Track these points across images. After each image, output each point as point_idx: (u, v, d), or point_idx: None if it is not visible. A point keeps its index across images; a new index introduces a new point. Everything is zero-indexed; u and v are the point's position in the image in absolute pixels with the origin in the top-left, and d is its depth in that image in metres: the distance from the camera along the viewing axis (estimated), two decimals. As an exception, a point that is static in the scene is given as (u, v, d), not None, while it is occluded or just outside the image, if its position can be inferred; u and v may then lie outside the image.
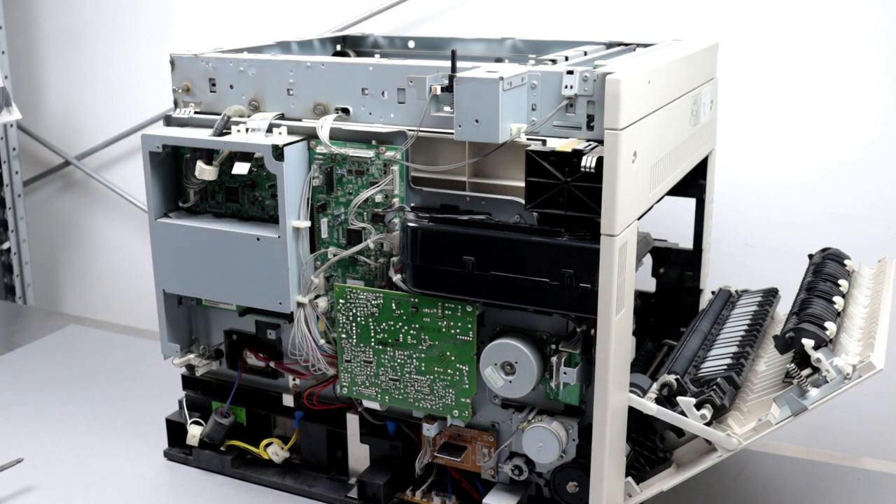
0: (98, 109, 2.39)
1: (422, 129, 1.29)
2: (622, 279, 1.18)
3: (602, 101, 1.14)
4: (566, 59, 1.36)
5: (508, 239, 1.21)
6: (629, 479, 1.30)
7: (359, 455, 1.49)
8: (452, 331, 1.29)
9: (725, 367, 1.30)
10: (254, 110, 1.42)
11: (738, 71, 1.75)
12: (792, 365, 1.23)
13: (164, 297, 1.49)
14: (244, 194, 1.45)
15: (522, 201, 1.23)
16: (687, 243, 1.62)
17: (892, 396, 1.78)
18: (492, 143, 1.21)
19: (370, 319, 1.34)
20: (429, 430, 1.37)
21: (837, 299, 1.35)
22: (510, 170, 1.28)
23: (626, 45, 1.62)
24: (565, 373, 1.24)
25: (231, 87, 1.43)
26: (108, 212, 2.47)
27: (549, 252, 1.19)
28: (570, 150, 1.17)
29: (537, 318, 1.28)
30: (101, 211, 2.48)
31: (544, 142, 1.23)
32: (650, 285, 1.65)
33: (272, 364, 1.49)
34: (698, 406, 1.22)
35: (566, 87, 1.19)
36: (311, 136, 1.35)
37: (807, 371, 1.21)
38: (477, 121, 1.18)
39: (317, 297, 1.39)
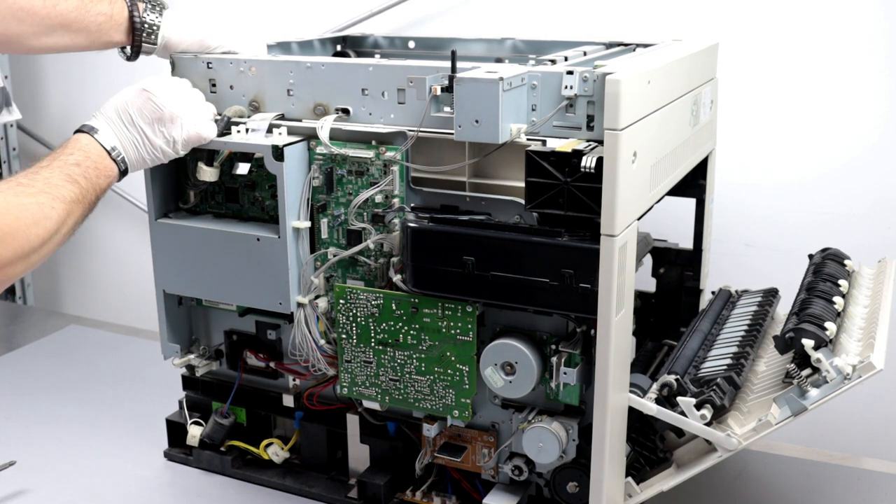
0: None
1: (422, 129, 1.29)
2: (622, 279, 1.18)
3: (602, 101, 1.14)
4: (566, 59, 1.36)
5: (508, 239, 1.21)
6: (629, 479, 1.30)
7: (359, 455, 1.49)
8: (452, 331, 1.29)
9: (725, 367, 1.30)
10: (254, 111, 1.42)
11: (738, 71, 1.75)
12: (792, 365, 1.23)
13: (164, 298, 1.49)
14: (244, 195, 1.45)
15: (522, 201, 1.22)
16: (687, 243, 1.62)
17: (892, 396, 1.78)
18: (492, 144, 1.21)
19: (370, 320, 1.34)
20: (429, 430, 1.37)
21: (837, 299, 1.35)
22: (510, 170, 1.28)
23: (625, 45, 1.62)
24: (565, 373, 1.24)
25: (231, 87, 1.43)
26: (108, 212, 2.47)
27: (549, 252, 1.19)
28: (570, 150, 1.17)
29: (537, 319, 1.28)
30: (101, 211, 2.48)
31: (544, 142, 1.23)
32: (650, 285, 1.65)
33: (272, 364, 1.49)
34: (698, 406, 1.22)
35: (566, 87, 1.19)
36: (311, 136, 1.35)
37: (807, 371, 1.21)
38: (477, 121, 1.18)
39: (317, 297, 1.39)
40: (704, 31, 1.76)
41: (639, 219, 1.23)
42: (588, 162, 1.15)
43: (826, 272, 1.45)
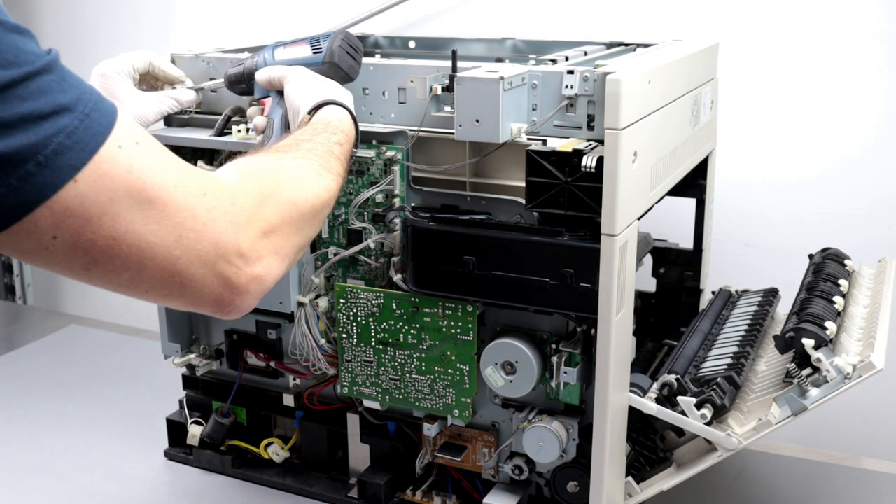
0: (98, 109, 2.40)
1: (422, 128, 1.29)
2: (622, 279, 1.18)
3: (602, 100, 1.14)
4: (566, 59, 1.36)
5: (509, 239, 1.21)
6: (629, 478, 1.30)
7: (359, 455, 1.49)
8: (453, 330, 1.29)
9: (726, 366, 1.30)
10: (254, 110, 1.42)
11: (738, 71, 1.75)
12: (792, 365, 1.23)
13: (165, 297, 1.49)
14: (244, 194, 1.45)
15: (523, 201, 1.22)
16: (687, 243, 1.62)
17: (892, 396, 1.78)
18: (492, 143, 1.21)
19: (371, 319, 1.34)
20: (429, 429, 1.37)
21: (837, 299, 1.35)
22: (511, 170, 1.28)
23: (626, 45, 1.62)
24: (565, 372, 1.25)
25: (231, 86, 1.43)
26: (108, 212, 2.47)
27: (550, 252, 1.19)
28: (570, 149, 1.17)
29: (538, 318, 1.28)
30: (101, 211, 2.48)
31: (545, 141, 1.23)
32: (650, 285, 1.65)
33: (272, 364, 1.49)
34: (698, 406, 1.22)
35: (567, 86, 1.19)
36: (311, 135, 1.35)
37: (807, 371, 1.21)
38: (477, 120, 1.18)
39: (317, 296, 1.39)
40: (704, 31, 1.76)
41: (639, 219, 1.23)
42: (588, 161, 1.15)
43: (826, 272, 1.45)
